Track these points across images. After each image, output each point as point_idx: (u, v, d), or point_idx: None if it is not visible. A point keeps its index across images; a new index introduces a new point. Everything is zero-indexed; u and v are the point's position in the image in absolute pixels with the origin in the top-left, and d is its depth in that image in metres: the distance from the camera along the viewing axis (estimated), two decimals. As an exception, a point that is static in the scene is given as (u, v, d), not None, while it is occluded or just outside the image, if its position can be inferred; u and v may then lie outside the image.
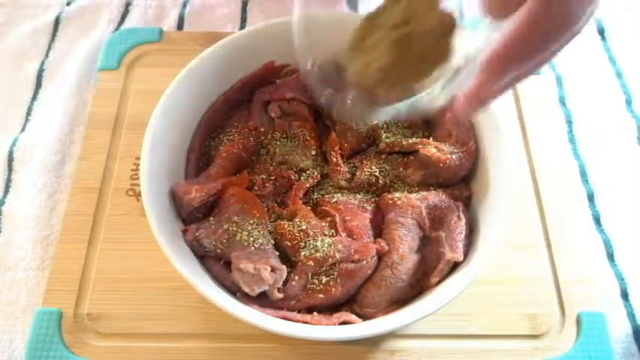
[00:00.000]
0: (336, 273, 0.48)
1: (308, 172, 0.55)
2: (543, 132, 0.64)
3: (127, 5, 0.77)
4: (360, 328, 0.46)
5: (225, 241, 0.49)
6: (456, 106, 0.40)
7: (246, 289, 0.46)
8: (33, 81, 0.70)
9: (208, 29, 0.74)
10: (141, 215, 0.48)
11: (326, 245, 0.49)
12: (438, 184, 0.54)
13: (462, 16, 0.37)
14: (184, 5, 0.77)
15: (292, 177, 0.55)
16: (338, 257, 0.48)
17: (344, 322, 0.47)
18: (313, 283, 0.48)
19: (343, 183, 0.55)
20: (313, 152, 0.57)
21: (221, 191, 0.52)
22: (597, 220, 0.60)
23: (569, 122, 0.67)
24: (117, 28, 0.75)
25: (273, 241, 0.50)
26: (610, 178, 0.63)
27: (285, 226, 0.50)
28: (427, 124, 0.57)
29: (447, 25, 0.37)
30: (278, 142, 0.57)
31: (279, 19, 0.59)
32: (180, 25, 0.76)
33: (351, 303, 0.49)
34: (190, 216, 0.52)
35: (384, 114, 0.45)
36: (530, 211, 0.59)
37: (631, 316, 0.55)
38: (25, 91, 0.69)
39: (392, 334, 0.52)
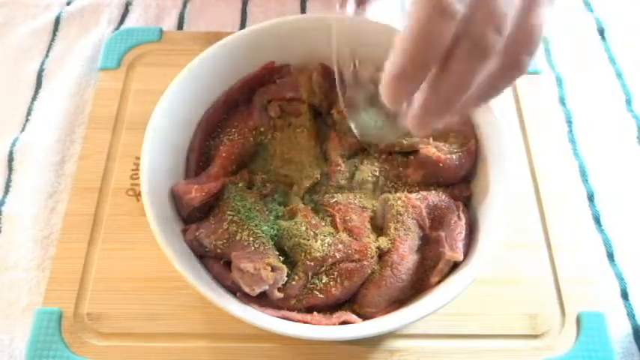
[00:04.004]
0: (336, 273, 0.48)
1: (308, 171, 0.55)
2: (543, 132, 0.64)
3: (127, 5, 0.77)
4: (360, 328, 0.46)
5: (225, 240, 0.49)
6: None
7: (246, 289, 0.46)
8: (33, 81, 0.70)
9: (208, 29, 0.74)
10: (141, 215, 0.48)
11: (326, 245, 0.49)
12: (438, 184, 0.54)
13: None
14: (184, 5, 0.77)
15: (292, 177, 0.55)
16: (338, 257, 0.48)
17: (344, 322, 0.47)
18: (313, 283, 0.48)
19: (343, 183, 0.55)
20: (313, 152, 0.57)
21: (221, 191, 0.52)
22: (597, 220, 0.60)
23: (569, 122, 0.67)
24: (117, 28, 0.75)
25: (273, 241, 0.50)
26: (610, 178, 0.63)
27: (285, 225, 0.50)
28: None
29: None
30: (278, 142, 0.57)
31: (279, 19, 0.59)
32: (180, 25, 0.76)
33: (351, 303, 0.49)
34: (190, 216, 0.52)
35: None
36: (530, 211, 0.59)
37: (631, 316, 0.55)
38: (25, 91, 0.69)
39: (392, 334, 0.52)
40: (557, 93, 0.70)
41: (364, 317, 0.48)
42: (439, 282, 0.48)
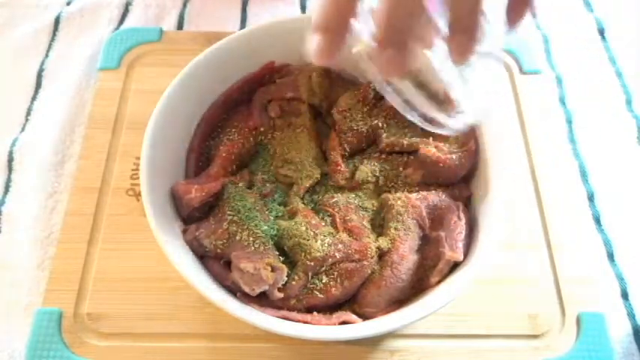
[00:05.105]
0: (336, 273, 0.48)
1: (308, 171, 0.55)
2: (543, 132, 0.64)
3: (127, 5, 0.77)
4: (360, 328, 0.46)
5: (225, 240, 0.49)
6: None
7: (246, 289, 0.46)
8: (33, 81, 0.70)
9: (208, 29, 0.74)
10: (141, 215, 0.48)
11: (326, 245, 0.49)
12: (438, 184, 0.54)
13: None
14: (184, 5, 0.77)
15: (292, 177, 0.55)
16: (338, 257, 0.48)
17: (344, 322, 0.47)
18: (313, 283, 0.48)
19: (343, 183, 0.55)
20: (313, 152, 0.57)
21: (221, 191, 0.52)
22: (597, 220, 0.60)
23: (569, 122, 0.67)
24: (117, 28, 0.75)
25: (273, 241, 0.50)
26: (610, 178, 0.63)
27: (285, 225, 0.50)
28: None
29: None
30: (278, 142, 0.57)
31: (279, 19, 0.59)
32: (180, 25, 0.76)
33: (351, 303, 0.49)
34: (190, 216, 0.52)
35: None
36: (530, 211, 0.59)
37: (631, 316, 0.55)
38: (25, 91, 0.69)
39: (392, 334, 0.52)
40: (557, 93, 0.70)
41: (364, 317, 0.48)
42: (439, 282, 0.48)
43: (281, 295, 0.47)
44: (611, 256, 0.58)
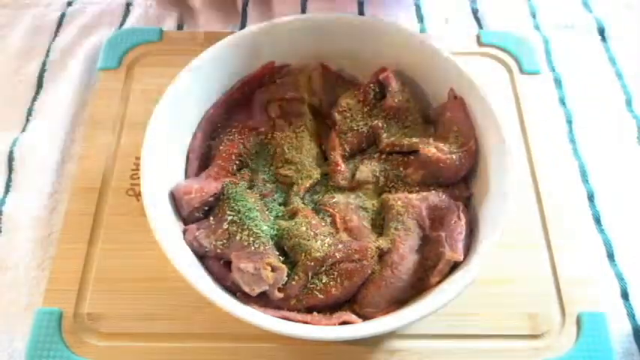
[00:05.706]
0: (336, 273, 0.48)
1: (308, 171, 0.55)
2: (543, 132, 0.64)
3: (127, 5, 0.77)
4: (360, 328, 0.46)
5: (225, 240, 0.49)
6: None
7: (246, 289, 0.46)
8: (33, 81, 0.70)
9: (208, 29, 0.74)
10: (141, 215, 0.48)
11: (326, 245, 0.49)
12: (438, 184, 0.54)
13: None
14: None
15: (292, 177, 0.55)
16: (338, 257, 0.48)
17: (344, 322, 0.47)
18: (313, 283, 0.48)
19: (343, 183, 0.55)
20: (313, 152, 0.57)
21: (221, 191, 0.52)
22: (597, 220, 0.60)
23: (569, 122, 0.67)
24: (117, 28, 0.75)
25: (273, 241, 0.50)
26: (610, 178, 0.63)
27: (285, 226, 0.50)
28: (427, 124, 0.57)
29: None
30: (278, 142, 0.57)
31: (279, 19, 0.59)
32: (180, 25, 0.76)
33: (351, 303, 0.49)
34: (190, 216, 0.52)
35: None
36: (530, 211, 0.59)
37: (631, 316, 0.55)
38: (25, 90, 0.69)
39: (392, 334, 0.52)
40: (557, 93, 0.70)
41: (364, 317, 0.48)
42: (439, 282, 0.48)
43: (281, 295, 0.47)
44: (611, 256, 0.58)
